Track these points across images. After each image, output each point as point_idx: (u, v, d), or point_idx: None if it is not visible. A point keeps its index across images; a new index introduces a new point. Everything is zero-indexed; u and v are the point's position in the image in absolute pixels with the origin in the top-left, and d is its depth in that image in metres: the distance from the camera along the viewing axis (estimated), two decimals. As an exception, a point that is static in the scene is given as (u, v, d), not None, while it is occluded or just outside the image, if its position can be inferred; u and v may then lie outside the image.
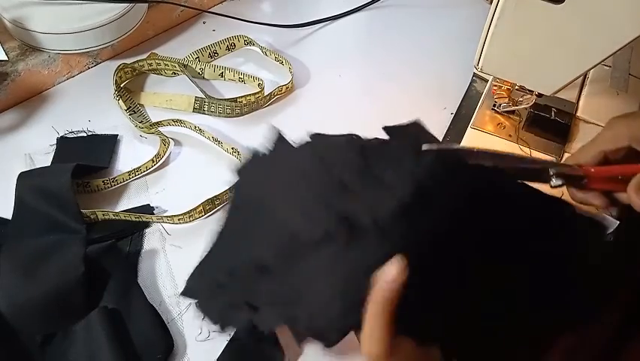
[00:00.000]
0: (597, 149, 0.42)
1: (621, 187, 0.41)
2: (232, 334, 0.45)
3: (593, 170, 0.42)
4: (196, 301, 0.40)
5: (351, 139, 0.38)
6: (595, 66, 0.46)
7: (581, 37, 0.45)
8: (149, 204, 0.53)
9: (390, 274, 0.32)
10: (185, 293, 0.41)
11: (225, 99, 0.62)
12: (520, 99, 0.59)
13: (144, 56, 0.65)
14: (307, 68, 0.68)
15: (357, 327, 0.33)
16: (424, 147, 0.36)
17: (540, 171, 0.41)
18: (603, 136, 0.43)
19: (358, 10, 0.76)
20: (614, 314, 0.49)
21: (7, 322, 0.43)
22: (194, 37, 0.70)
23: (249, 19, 0.71)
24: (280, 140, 0.40)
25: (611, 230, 0.48)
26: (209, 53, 0.68)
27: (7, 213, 0.50)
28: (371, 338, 0.32)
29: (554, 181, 0.40)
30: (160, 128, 0.59)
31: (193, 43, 0.69)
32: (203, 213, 0.52)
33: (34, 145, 0.57)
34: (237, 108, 0.61)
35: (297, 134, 0.40)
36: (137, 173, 0.55)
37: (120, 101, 0.60)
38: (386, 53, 0.71)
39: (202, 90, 0.62)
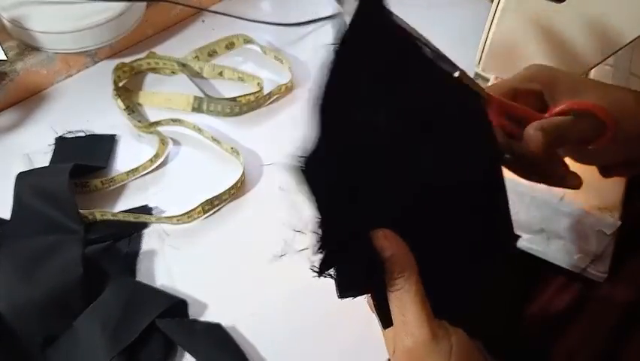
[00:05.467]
0: (510, 84, 0.41)
1: (514, 129, 0.40)
2: None
3: (495, 96, 0.39)
4: None
5: None
6: (596, 66, 0.46)
7: (581, 36, 0.45)
8: (147, 205, 0.53)
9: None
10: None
11: (224, 98, 0.62)
12: (521, 98, 0.59)
13: (143, 55, 0.65)
14: (307, 67, 0.67)
15: None
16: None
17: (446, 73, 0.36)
18: (520, 74, 0.41)
19: (358, 8, 0.76)
20: (614, 314, 0.49)
21: (6, 322, 0.43)
22: (193, 35, 0.70)
23: (248, 18, 0.71)
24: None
25: (612, 231, 0.48)
26: (209, 52, 0.67)
27: (6, 213, 0.50)
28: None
29: None
30: (159, 128, 0.59)
31: (192, 41, 0.68)
32: (202, 214, 0.52)
33: (33, 145, 0.57)
34: (237, 108, 0.61)
35: (297, 134, 0.39)
36: (135, 173, 0.55)
37: (119, 100, 0.60)
38: (386, 51, 0.71)
39: (201, 89, 0.62)
